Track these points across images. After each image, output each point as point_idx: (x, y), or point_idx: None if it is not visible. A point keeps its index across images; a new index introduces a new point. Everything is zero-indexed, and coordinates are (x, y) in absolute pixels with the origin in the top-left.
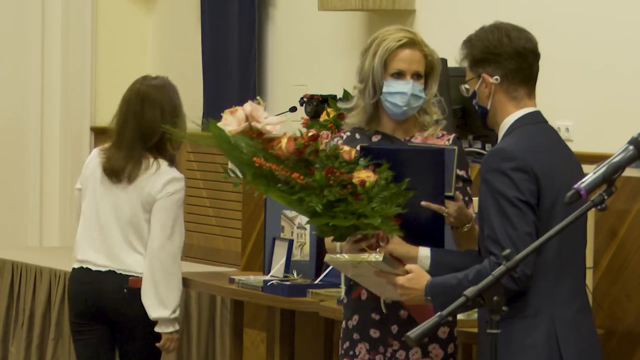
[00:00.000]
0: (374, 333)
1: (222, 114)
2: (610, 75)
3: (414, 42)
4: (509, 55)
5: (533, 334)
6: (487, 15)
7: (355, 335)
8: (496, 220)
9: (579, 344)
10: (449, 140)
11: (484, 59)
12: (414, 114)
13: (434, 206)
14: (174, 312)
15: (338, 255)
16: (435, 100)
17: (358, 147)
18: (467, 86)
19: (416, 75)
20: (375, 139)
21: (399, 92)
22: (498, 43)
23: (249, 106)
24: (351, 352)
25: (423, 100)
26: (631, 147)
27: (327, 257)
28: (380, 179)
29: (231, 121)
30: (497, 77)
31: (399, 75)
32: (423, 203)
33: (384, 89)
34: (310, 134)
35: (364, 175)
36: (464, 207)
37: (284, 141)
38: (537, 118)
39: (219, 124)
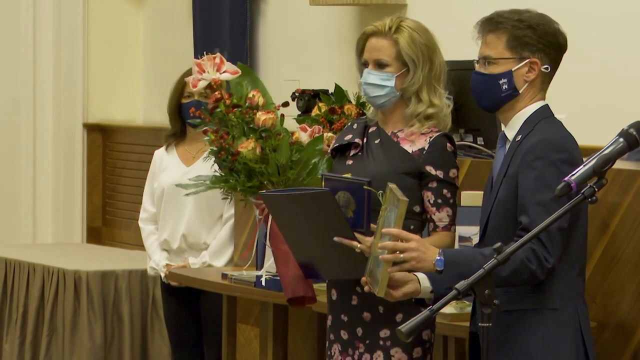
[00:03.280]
0: (344, 335)
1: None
2: (602, 69)
3: (378, 31)
4: (559, 48)
5: (564, 326)
6: (479, 8)
7: (331, 336)
8: (536, 210)
9: (591, 336)
10: (431, 137)
11: (536, 45)
12: (400, 106)
13: (345, 241)
14: None
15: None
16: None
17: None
18: (491, 61)
19: (378, 64)
20: (371, 129)
21: (360, 82)
22: (557, 34)
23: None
24: (329, 352)
25: (389, 89)
26: (621, 140)
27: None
28: (260, 154)
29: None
30: (547, 66)
31: (365, 65)
32: (335, 239)
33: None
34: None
35: (243, 147)
36: None
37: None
38: (550, 111)
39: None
